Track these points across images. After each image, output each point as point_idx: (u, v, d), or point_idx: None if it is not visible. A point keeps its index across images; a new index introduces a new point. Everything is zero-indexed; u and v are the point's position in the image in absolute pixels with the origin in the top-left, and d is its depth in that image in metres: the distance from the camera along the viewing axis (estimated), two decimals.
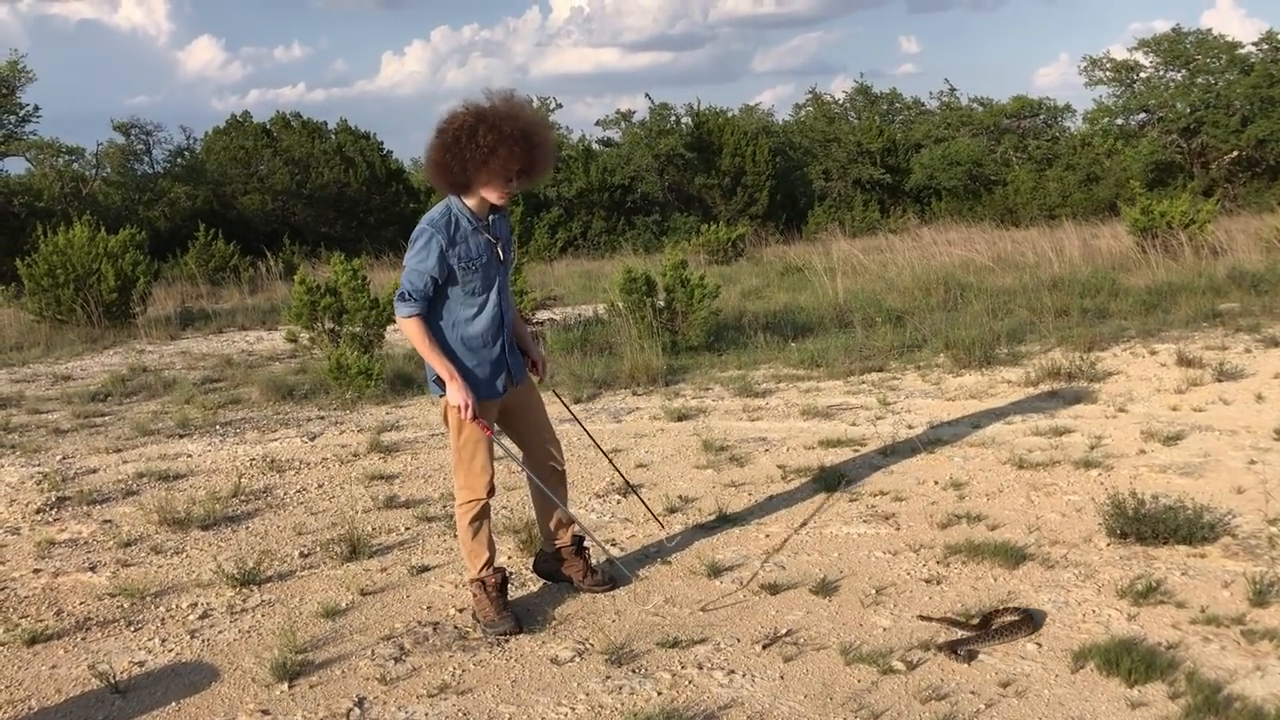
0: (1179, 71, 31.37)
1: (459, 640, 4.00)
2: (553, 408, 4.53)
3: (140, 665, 3.92)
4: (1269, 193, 26.55)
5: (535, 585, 4.52)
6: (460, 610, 4.26)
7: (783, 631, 3.93)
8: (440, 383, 3.99)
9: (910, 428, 6.79)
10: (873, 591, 4.26)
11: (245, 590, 4.58)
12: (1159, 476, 5.51)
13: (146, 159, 28.29)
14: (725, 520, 5.20)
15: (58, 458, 7.02)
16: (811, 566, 4.55)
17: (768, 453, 6.41)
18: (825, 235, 23.31)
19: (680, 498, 5.58)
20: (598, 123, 45.07)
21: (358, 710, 3.50)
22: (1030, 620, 3.83)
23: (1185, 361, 8.02)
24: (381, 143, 29.68)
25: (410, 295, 3.90)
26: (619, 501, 5.61)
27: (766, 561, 4.64)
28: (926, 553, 4.64)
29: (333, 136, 29.18)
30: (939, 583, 4.32)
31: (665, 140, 29.77)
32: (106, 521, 5.62)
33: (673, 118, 31.10)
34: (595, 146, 31.28)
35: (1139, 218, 14.76)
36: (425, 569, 4.75)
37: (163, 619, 4.32)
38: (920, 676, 3.55)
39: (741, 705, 3.43)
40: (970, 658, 3.64)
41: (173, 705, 3.60)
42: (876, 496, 5.45)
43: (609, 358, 9.30)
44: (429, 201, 28.45)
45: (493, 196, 3.92)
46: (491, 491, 4.11)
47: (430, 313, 3.98)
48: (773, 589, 4.31)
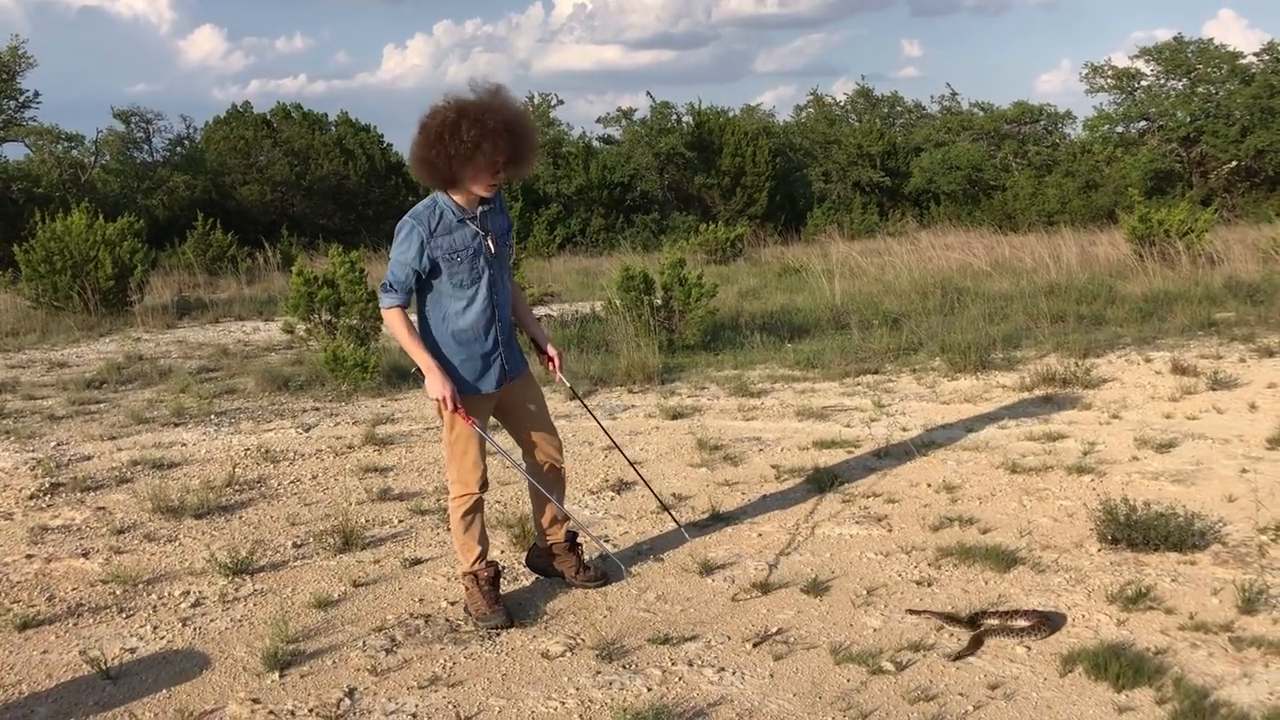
0: (1180, 80, 31.45)
1: (450, 633, 4.01)
2: (554, 404, 4.53)
3: (131, 652, 3.92)
4: (1267, 203, 26.63)
5: (528, 579, 4.53)
6: (452, 603, 4.27)
7: (773, 630, 3.94)
8: (423, 376, 4.01)
9: (904, 430, 6.81)
10: (864, 592, 4.28)
11: (238, 579, 4.58)
12: (1151, 483, 5.53)
13: (146, 147, 28.30)
14: (718, 519, 5.21)
15: (52, 444, 7.02)
16: (803, 566, 4.57)
17: (762, 452, 6.42)
18: (824, 237, 23.34)
19: (674, 495, 5.59)
20: (599, 120, 45.04)
21: (348, 700, 3.51)
22: (1048, 621, 3.87)
23: (1180, 370, 8.04)
24: (382, 136, 29.70)
25: (392, 286, 3.95)
26: (613, 498, 5.63)
27: (758, 561, 4.65)
28: (918, 554, 4.66)
29: (333, 128, 29.17)
30: (930, 584, 4.34)
31: (666, 139, 29.79)
32: (100, 508, 5.62)
33: (674, 116, 31.14)
34: (596, 144, 31.31)
35: (1137, 225, 14.79)
36: (418, 561, 4.76)
37: (155, 606, 4.33)
38: (909, 677, 3.56)
39: (731, 702, 3.44)
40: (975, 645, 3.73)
41: (163, 692, 3.61)
42: (869, 498, 5.47)
43: (605, 355, 9.31)
44: (427, 195, 28.42)
45: (479, 189, 3.94)
46: (484, 486, 4.12)
47: (422, 306, 4.00)
48: (764, 588, 4.33)
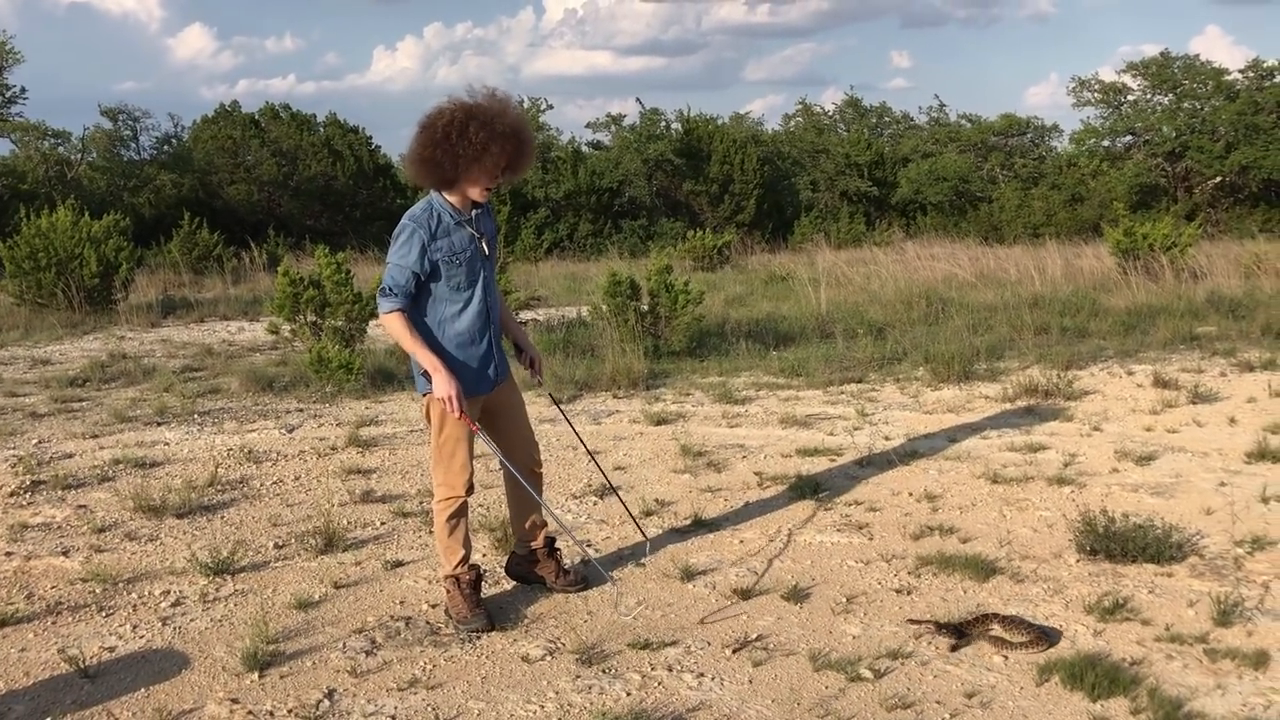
0: (1166, 96, 31.67)
1: (431, 635, 4.01)
2: (539, 408, 4.55)
3: (110, 651, 3.91)
4: (1250, 219, 26.84)
5: (509, 583, 4.54)
6: (433, 606, 4.27)
7: (753, 636, 3.96)
8: (427, 377, 4.00)
9: (887, 439, 6.84)
10: (843, 599, 4.30)
11: (218, 579, 4.58)
12: (1130, 495, 5.57)
13: (133, 145, 28.24)
14: (700, 525, 5.23)
15: (33, 441, 6.99)
16: (784, 573, 4.59)
17: (745, 459, 6.44)
18: (810, 246, 23.43)
19: (657, 501, 5.61)
20: (588, 125, 45.16)
21: (327, 702, 3.51)
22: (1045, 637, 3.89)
23: (1161, 383, 8.09)
24: (370, 137, 29.72)
25: (392, 290, 3.91)
26: (595, 503, 5.64)
27: (739, 567, 4.66)
28: (898, 563, 4.68)
29: (321, 129, 29.14)
30: (909, 593, 4.36)
31: (655, 145, 29.85)
32: (81, 507, 5.60)
33: (663, 123, 31.21)
34: (585, 149, 31.35)
35: (1121, 239, 14.89)
36: (399, 564, 4.76)
37: (134, 605, 4.32)
38: (887, 685, 3.58)
39: (709, 708, 3.45)
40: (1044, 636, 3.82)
41: (142, 691, 3.60)
42: (851, 506, 5.49)
43: (591, 360, 9.32)
44: (415, 197, 28.45)
45: (476, 193, 3.96)
46: (470, 490, 4.13)
47: (416, 310, 4.00)
48: (744, 594, 4.34)
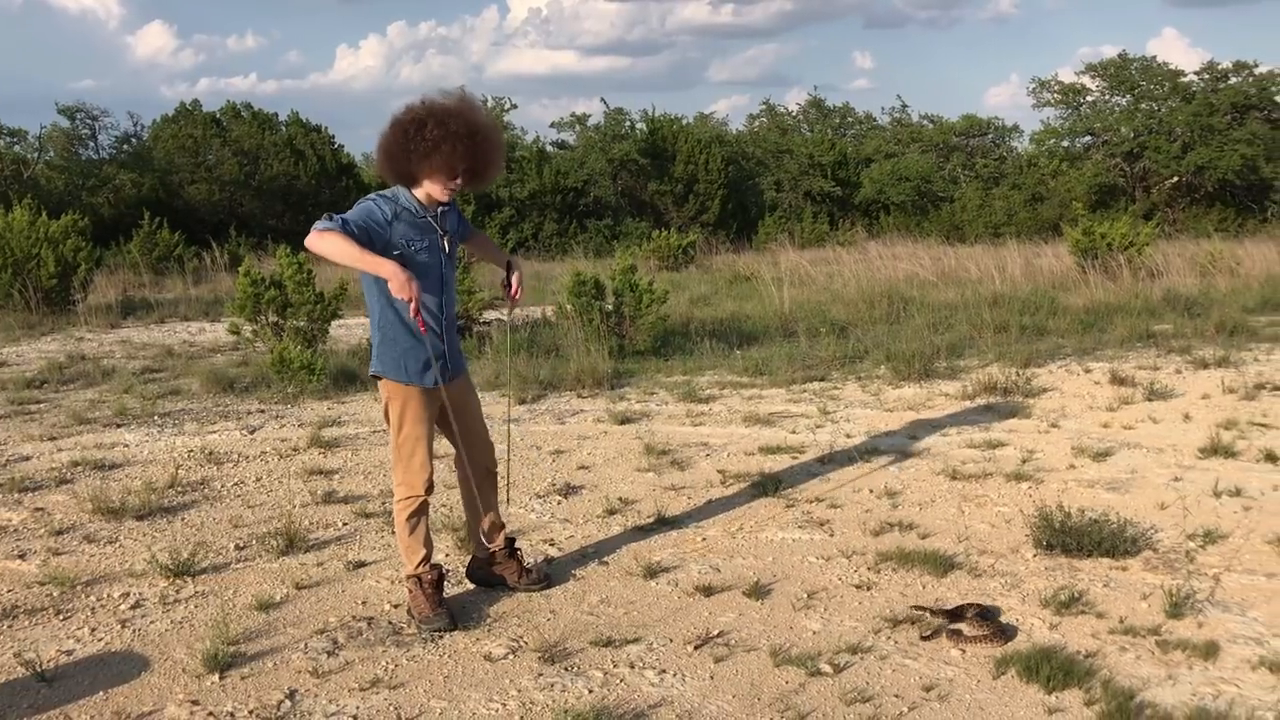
0: (1124, 97, 32.09)
1: (393, 635, 4.01)
2: (501, 408, 4.55)
3: (68, 654, 3.88)
4: (1206, 218, 27.23)
5: (471, 582, 4.54)
6: (395, 606, 4.27)
7: (715, 633, 3.99)
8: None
9: (849, 437, 6.90)
10: (804, 595, 4.34)
11: (179, 581, 4.55)
12: (1087, 491, 5.65)
13: (92, 144, 27.91)
14: (664, 523, 5.25)
15: None
16: (746, 570, 4.62)
17: (709, 458, 6.48)
18: (775, 246, 23.52)
19: (620, 500, 5.63)
20: (552, 124, 45.08)
21: (289, 702, 3.50)
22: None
23: (1118, 380, 8.21)
24: (333, 137, 29.50)
25: (335, 217, 3.79)
26: (559, 502, 5.65)
27: (702, 564, 4.69)
28: (858, 559, 4.73)
29: (284, 128, 28.91)
30: (869, 588, 4.41)
31: (619, 145, 29.88)
32: (38, 509, 5.54)
33: (628, 123, 31.25)
34: (549, 149, 31.30)
35: (1080, 238, 15.08)
36: (362, 564, 4.75)
37: (93, 608, 4.29)
38: (847, 679, 3.62)
39: (671, 704, 3.48)
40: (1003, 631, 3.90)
41: (100, 694, 3.57)
42: (812, 503, 5.54)
43: (555, 360, 9.33)
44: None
45: (436, 191, 3.96)
46: (430, 489, 4.12)
47: (372, 296, 3.97)
48: (706, 591, 4.37)
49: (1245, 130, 29.93)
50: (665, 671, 3.70)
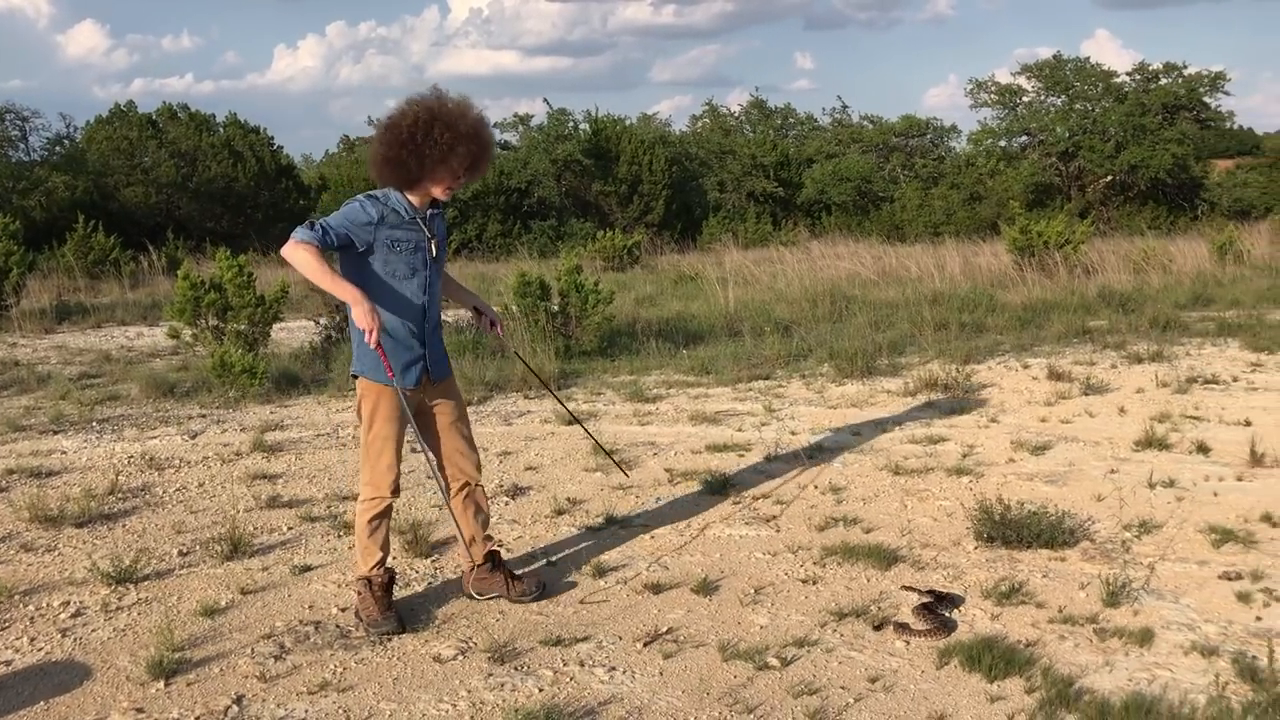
0: (1059, 97, 32.66)
1: (341, 639, 3.99)
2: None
3: (7, 664, 3.81)
4: (1139, 216, 27.80)
5: (420, 585, 4.53)
6: (343, 609, 4.25)
7: (664, 629, 4.02)
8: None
9: (794, 434, 6.97)
10: (752, 591, 4.38)
11: (121, 588, 4.49)
12: (1026, 484, 5.77)
13: (22, 145, 27.29)
14: (612, 522, 5.27)
15: None
16: (694, 566, 4.66)
17: (656, 456, 6.51)
18: (719, 246, 23.65)
19: (569, 500, 5.64)
20: (495, 125, 44.82)
21: (236, 708, 3.47)
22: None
23: (1055, 376, 8.38)
24: (272, 138, 29.18)
25: (316, 226, 3.77)
26: (507, 503, 5.65)
27: (650, 563, 4.72)
28: (804, 554, 4.79)
29: (221, 130, 28.51)
30: (815, 583, 4.46)
31: (563, 146, 29.85)
32: None
33: (571, 123, 31.22)
34: None
35: (1018, 237, 15.34)
36: (308, 568, 4.72)
37: (32, 618, 4.21)
38: (794, 672, 3.67)
39: (621, 701, 3.50)
40: (945, 625, 3.97)
41: (41, 704, 3.52)
42: (758, 500, 5.59)
43: (501, 361, 9.31)
44: (319, 199, 28.02)
45: (438, 192, 3.97)
46: (396, 491, 4.09)
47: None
48: (655, 588, 4.40)
49: (1176, 130, 30.64)
50: (615, 669, 3.72)
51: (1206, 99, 32.27)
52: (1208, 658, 3.72)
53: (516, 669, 3.73)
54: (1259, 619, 4.03)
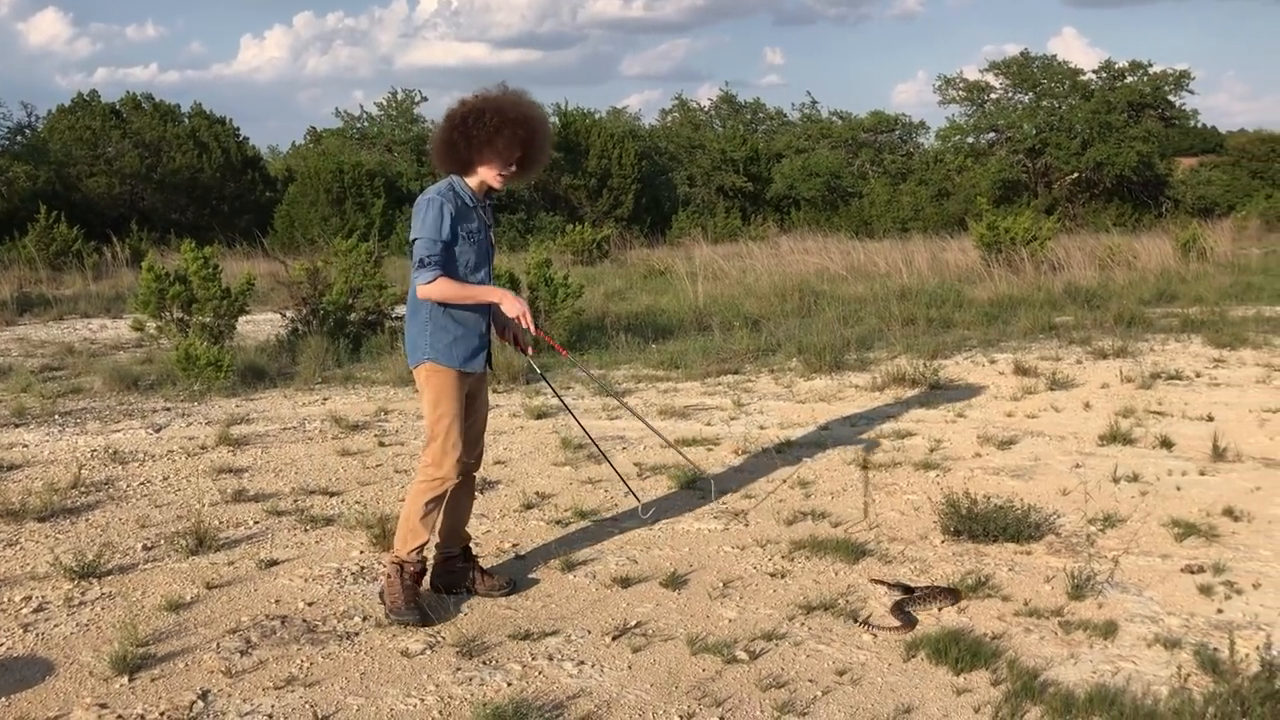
0: (1026, 94, 32.92)
1: (308, 633, 3.96)
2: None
3: None
4: (1105, 213, 28.09)
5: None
6: (309, 604, 4.21)
7: (632, 623, 4.02)
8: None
9: (762, 429, 6.99)
10: (720, 584, 4.39)
11: (84, 583, 4.43)
12: (992, 478, 5.81)
13: None
14: (581, 516, 5.27)
15: None
16: (663, 561, 4.66)
17: (625, 450, 6.51)
18: (688, 240, 23.66)
19: (538, 494, 5.63)
20: None
21: (201, 703, 3.44)
22: (955, 594, 4.19)
23: (1021, 371, 8.45)
24: (238, 129, 28.95)
25: (427, 262, 3.97)
26: (476, 497, 5.61)
27: (619, 557, 4.72)
28: (772, 548, 4.80)
29: (187, 120, 28.24)
30: (783, 576, 4.48)
31: None
32: None
33: None
34: None
35: (985, 233, 15.46)
36: (274, 563, 4.68)
37: None
38: (762, 666, 3.68)
39: (590, 695, 3.50)
40: (910, 622, 3.98)
41: (2, 701, 3.47)
42: (727, 494, 5.60)
43: None
44: (285, 190, 27.78)
45: (491, 179, 4.07)
46: (460, 474, 4.12)
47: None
48: (624, 582, 4.40)
49: (1141, 128, 30.98)
50: (584, 663, 3.72)
51: (1171, 97, 32.67)
52: (1170, 650, 3.76)
53: (485, 663, 3.71)
54: (1220, 611, 4.09)
